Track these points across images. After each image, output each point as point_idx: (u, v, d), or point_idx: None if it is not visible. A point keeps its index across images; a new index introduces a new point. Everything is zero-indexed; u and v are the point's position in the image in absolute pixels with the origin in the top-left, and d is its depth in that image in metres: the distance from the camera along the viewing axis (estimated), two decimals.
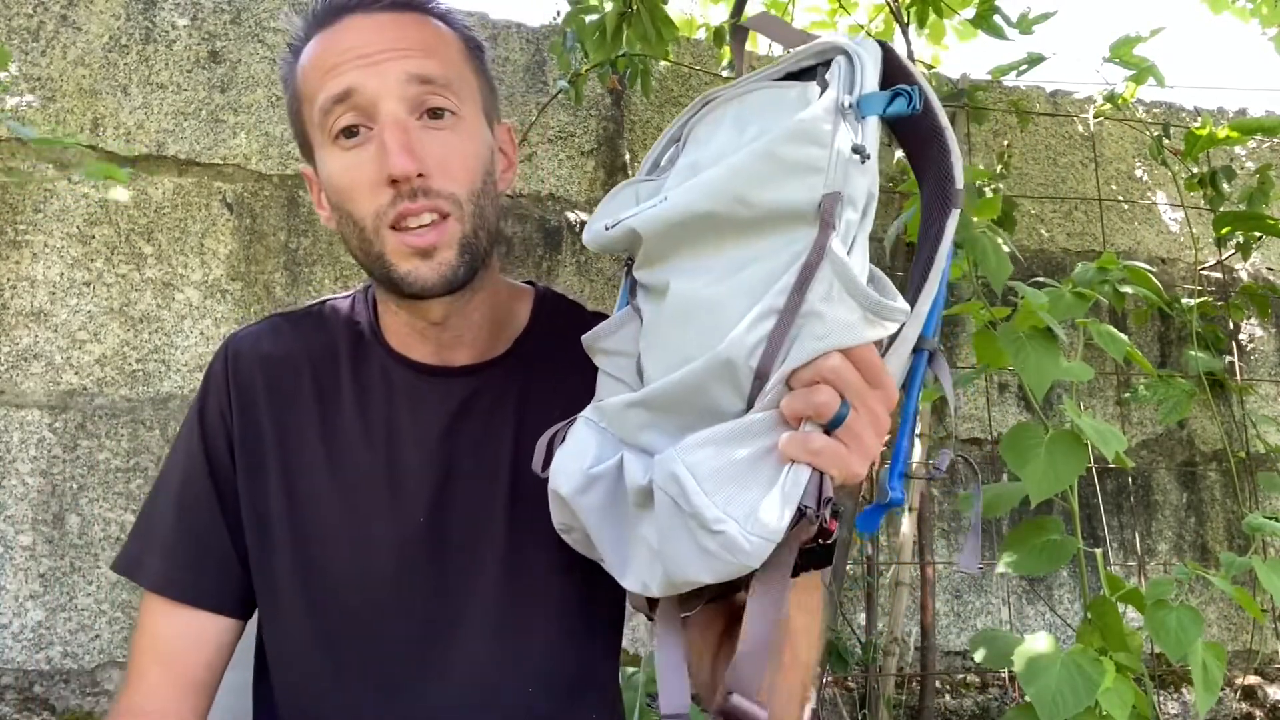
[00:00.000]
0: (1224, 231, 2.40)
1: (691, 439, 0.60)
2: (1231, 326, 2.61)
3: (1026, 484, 1.48)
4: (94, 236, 1.97)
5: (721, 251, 0.62)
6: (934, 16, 2.27)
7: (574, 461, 0.70)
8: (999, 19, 2.09)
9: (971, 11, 2.16)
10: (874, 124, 0.60)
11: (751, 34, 0.81)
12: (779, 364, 0.59)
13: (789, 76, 0.67)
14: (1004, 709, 2.30)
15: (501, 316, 0.91)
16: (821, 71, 0.64)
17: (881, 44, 0.63)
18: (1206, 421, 2.58)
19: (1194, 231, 2.65)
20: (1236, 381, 2.53)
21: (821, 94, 0.61)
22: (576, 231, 2.26)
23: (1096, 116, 2.57)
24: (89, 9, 2.04)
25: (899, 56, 0.63)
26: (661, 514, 0.61)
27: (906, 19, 2.19)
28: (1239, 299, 2.57)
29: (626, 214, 0.68)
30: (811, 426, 0.59)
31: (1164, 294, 1.93)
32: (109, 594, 1.89)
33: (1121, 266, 1.70)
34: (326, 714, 0.83)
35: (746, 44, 0.77)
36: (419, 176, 0.76)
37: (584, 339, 0.76)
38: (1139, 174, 2.70)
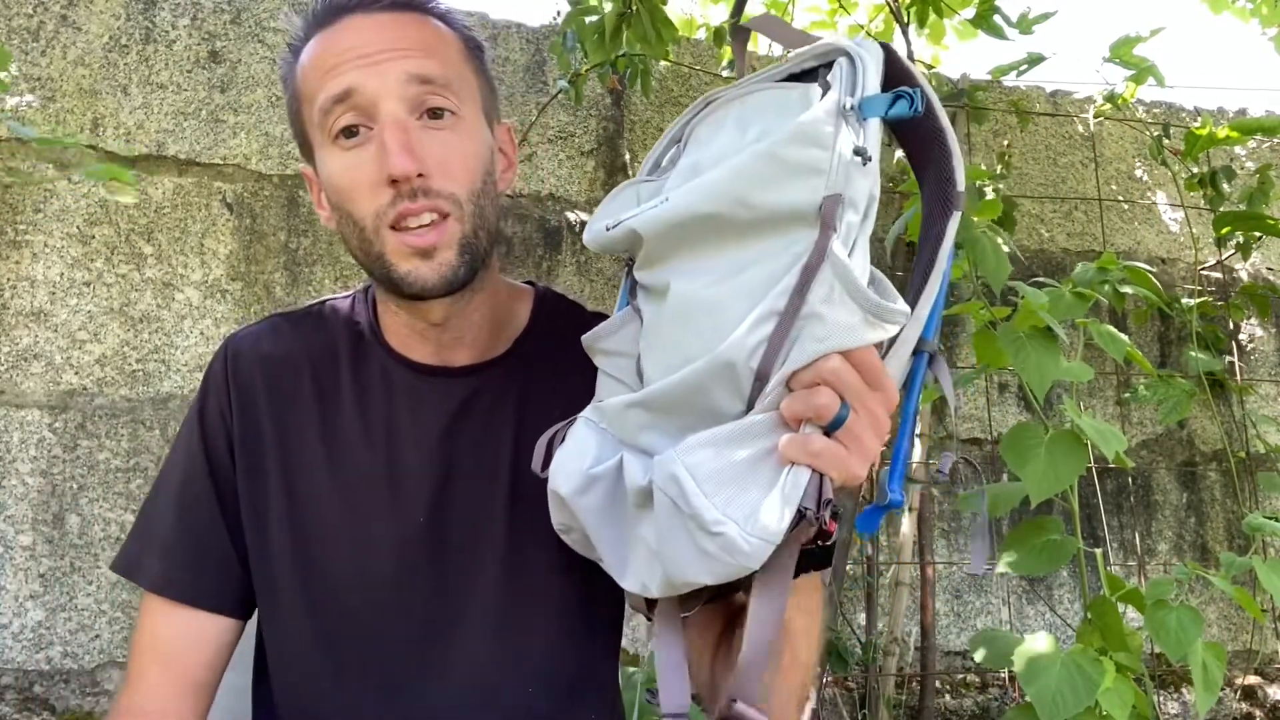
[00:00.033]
0: (1224, 231, 2.40)
1: (691, 440, 0.60)
2: (1231, 326, 2.61)
3: (1026, 484, 1.48)
4: (94, 236, 1.97)
5: (722, 253, 0.62)
6: (934, 16, 2.27)
7: (573, 462, 0.70)
8: (999, 19, 2.09)
9: (971, 11, 2.16)
10: (875, 126, 0.60)
11: (752, 34, 0.81)
12: (779, 366, 0.58)
13: (791, 78, 0.67)
14: (1004, 709, 2.30)
15: (501, 316, 0.91)
16: (823, 73, 0.64)
17: (883, 45, 0.63)
18: (1206, 421, 2.58)
19: (1194, 231, 2.65)
20: (1236, 381, 2.53)
21: (823, 96, 0.61)
22: (576, 231, 2.26)
23: (1096, 116, 2.57)
24: (89, 9, 2.04)
25: (901, 58, 0.63)
26: (661, 515, 0.61)
27: (906, 19, 2.19)
28: (1239, 299, 2.57)
29: (627, 215, 0.68)
30: (811, 428, 0.59)
31: (1164, 294, 1.93)
32: (109, 594, 1.89)
33: (1121, 266, 1.70)
34: (326, 714, 0.83)
35: (747, 44, 0.77)
36: (419, 176, 0.76)
37: (584, 339, 0.76)
38: (1139, 174, 2.70)
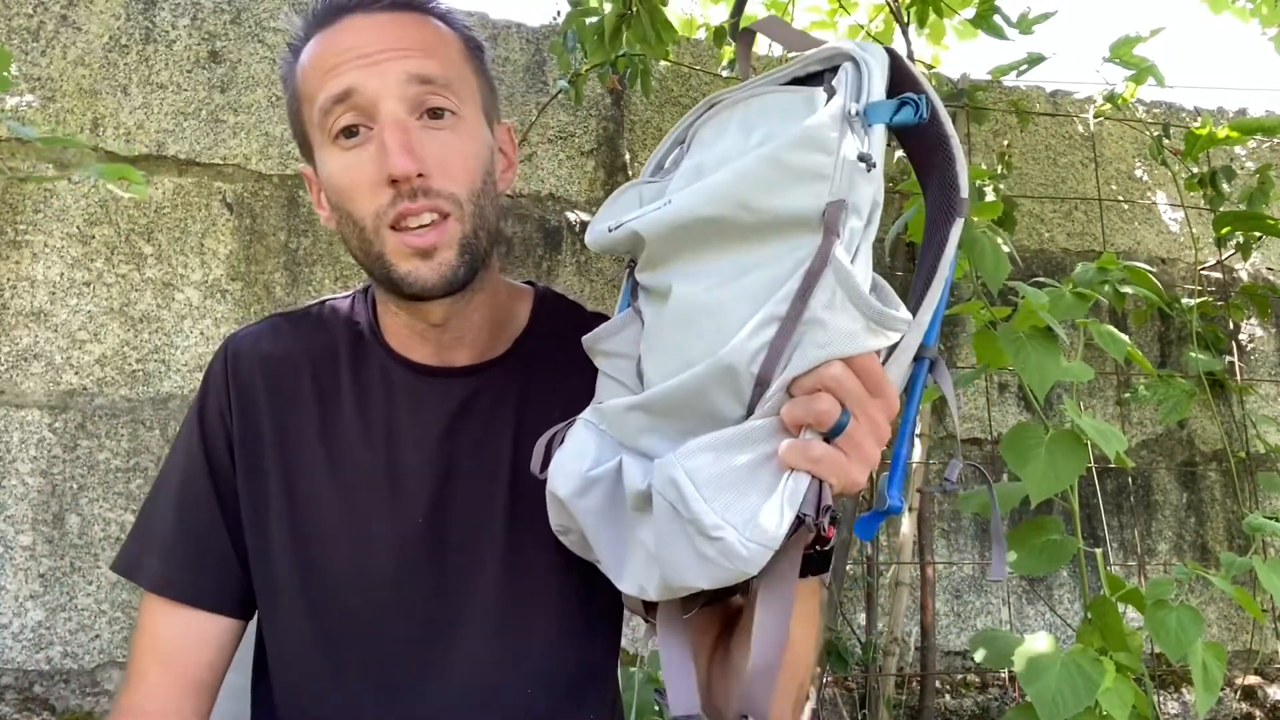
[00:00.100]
0: (1224, 231, 2.40)
1: (691, 444, 0.60)
2: (1231, 326, 2.61)
3: (1026, 484, 1.48)
4: (94, 236, 1.97)
5: (724, 256, 0.62)
6: (934, 16, 2.27)
7: (572, 463, 0.70)
8: (999, 19, 2.09)
9: (971, 11, 2.16)
10: (880, 132, 0.60)
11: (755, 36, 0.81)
12: (780, 371, 0.58)
13: (796, 81, 0.67)
14: (1004, 709, 2.30)
15: (501, 317, 0.91)
16: (828, 77, 0.63)
17: (889, 51, 0.63)
18: (1206, 421, 2.58)
19: (1194, 231, 2.65)
20: (1236, 381, 2.53)
21: (828, 100, 0.60)
22: (576, 231, 2.26)
23: (1096, 116, 2.57)
24: (89, 9, 2.04)
25: (906, 63, 0.63)
26: (660, 519, 0.61)
27: (906, 19, 2.19)
28: (1239, 299, 2.57)
29: (630, 216, 0.68)
30: (812, 434, 0.58)
31: (1164, 294, 1.93)
32: (109, 594, 1.89)
33: (1121, 266, 1.70)
34: (326, 714, 0.83)
35: (751, 46, 0.77)
36: (419, 176, 0.76)
37: (584, 340, 0.76)
38: (1139, 174, 2.70)
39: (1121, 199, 2.67)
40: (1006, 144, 2.58)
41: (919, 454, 2.20)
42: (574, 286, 2.22)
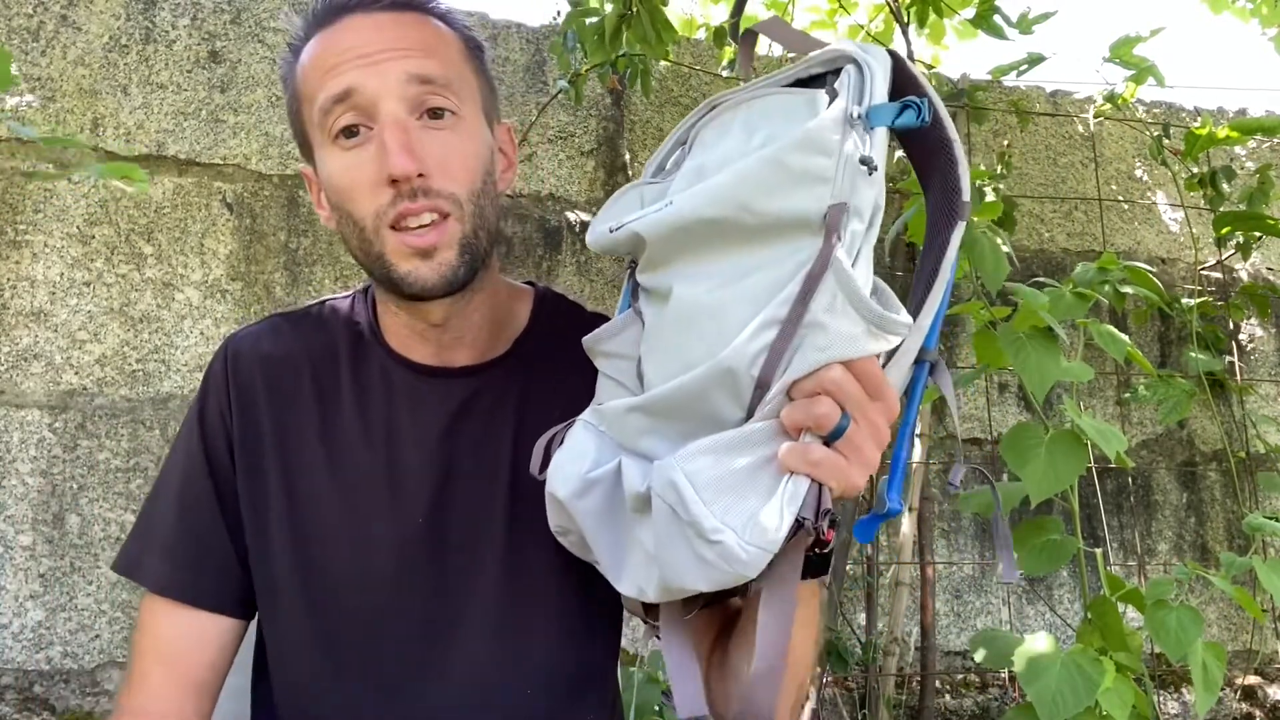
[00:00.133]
0: (1224, 231, 2.40)
1: (691, 447, 0.60)
2: (1231, 326, 2.61)
3: (1026, 484, 1.48)
4: (94, 236, 1.97)
5: (725, 258, 0.62)
6: (934, 16, 2.27)
7: (572, 465, 0.70)
8: (999, 19, 2.09)
9: (971, 11, 2.16)
10: (882, 135, 0.59)
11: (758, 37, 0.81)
12: (780, 374, 0.58)
13: (798, 83, 0.67)
14: (1004, 709, 2.30)
15: (501, 317, 0.91)
16: (831, 80, 0.63)
17: (892, 53, 0.63)
18: (1206, 421, 2.58)
19: (1194, 231, 2.65)
20: (1236, 381, 2.53)
21: (830, 103, 0.60)
22: (576, 231, 2.26)
23: (1096, 116, 2.57)
24: (89, 9, 2.04)
25: (909, 66, 0.63)
26: (659, 522, 0.61)
27: (906, 19, 2.19)
28: (1239, 299, 2.57)
29: (631, 217, 0.68)
30: (811, 437, 0.58)
31: (1164, 294, 1.93)
32: (109, 594, 1.89)
33: (1122, 266, 1.70)
34: (326, 714, 0.83)
35: (754, 48, 0.76)
36: (419, 176, 0.76)
37: (585, 341, 0.76)
38: (1139, 174, 2.70)
39: (1121, 199, 2.67)
40: (1006, 144, 2.58)
41: (919, 454, 2.20)
42: (574, 286, 2.22)
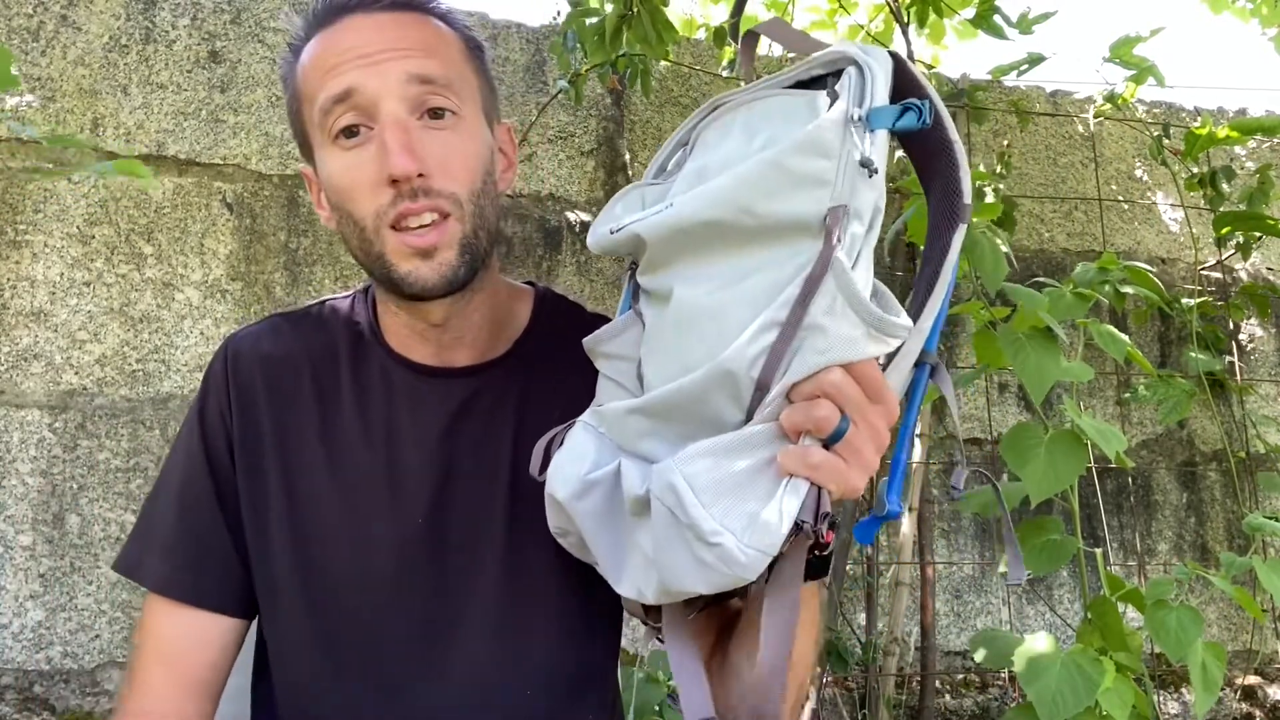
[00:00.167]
0: (1224, 231, 2.40)
1: (690, 450, 0.60)
2: (1231, 326, 2.61)
3: (1026, 484, 1.48)
4: (94, 236, 1.97)
5: (726, 260, 0.62)
6: (934, 16, 2.27)
7: (571, 466, 0.70)
8: (999, 19, 2.09)
9: (971, 11, 2.16)
10: (882, 138, 0.59)
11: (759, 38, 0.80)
12: (780, 377, 0.58)
13: (799, 84, 0.67)
14: (1004, 709, 2.30)
15: (501, 317, 0.91)
16: (831, 81, 0.63)
17: (893, 54, 0.62)
18: (1206, 421, 2.58)
19: (1194, 231, 2.65)
20: (1236, 381, 2.53)
21: (831, 105, 0.60)
22: (576, 231, 2.26)
23: (1096, 116, 2.57)
24: (89, 9, 2.04)
25: (910, 68, 0.63)
26: (658, 524, 0.61)
27: (906, 19, 2.19)
28: (1239, 299, 2.57)
29: (631, 218, 0.68)
30: (810, 440, 0.58)
31: (1164, 294, 1.93)
32: (109, 594, 1.89)
33: (1122, 266, 1.70)
34: (326, 714, 0.83)
35: (755, 49, 0.76)
36: (419, 176, 0.76)
37: (585, 342, 0.76)
38: (1139, 174, 2.71)
39: (1121, 199, 2.67)
40: (1006, 144, 2.58)
41: (919, 454, 2.20)
42: (574, 286, 2.23)
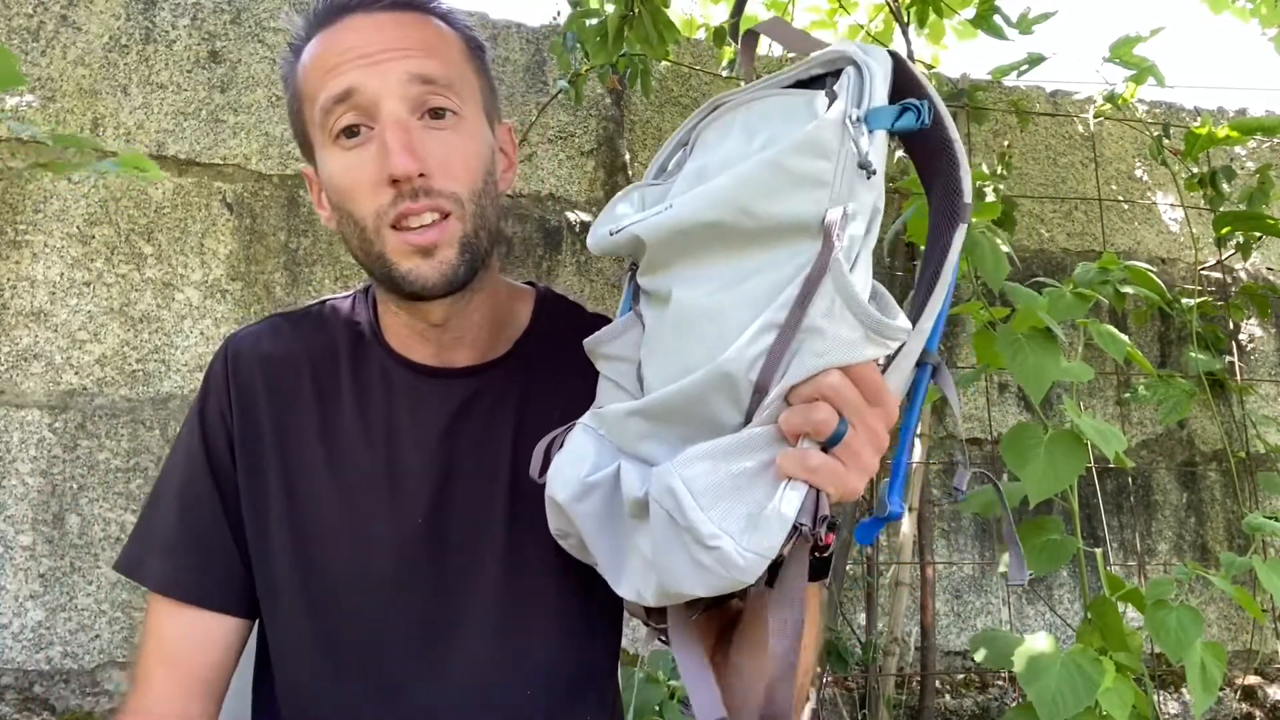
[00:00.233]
0: (1224, 231, 2.40)
1: (689, 453, 0.60)
2: (1231, 326, 2.61)
3: (1026, 484, 1.48)
4: (94, 236, 1.97)
5: (725, 261, 0.62)
6: (934, 16, 2.27)
7: (571, 468, 0.70)
8: (999, 19, 2.09)
9: (971, 11, 2.16)
10: (881, 138, 0.59)
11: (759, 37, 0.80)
12: (779, 379, 0.58)
13: (799, 84, 0.67)
14: (1004, 709, 2.30)
15: (502, 317, 0.91)
16: (830, 81, 0.63)
17: (892, 54, 0.62)
18: (1206, 421, 2.58)
19: (1194, 231, 2.65)
20: (1236, 381, 2.53)
21: (830, 105, 0.60)
22: (576, 231, 2.26)
23: (1096, 116, 2.57)
24: (89, 9, 2.04)
25: (910, 67, 0.62)
26: (657, 527, 0.61)
27: (906, 19, 2.19)
28: (1239, 299, 2.58)
29: (631, 220, 0.68)
30: (809, 443, 0.58)
31: (1165, 293, 1.93)
32: (109, 594, 1.89)
33: (1122, 266, 1.70)
34: (326, 714, 0.83)
35: (755, 48, 0.76)
36: (420, 176, 0.76)
37: (586, 344, 0.76)
38: (1139, 174, 2.71)
39: (1121, 199, 2.67)
40: (1006, 144, 2.58)
41: (918, 454, 2.20)
42: (574, 287, 2.23)
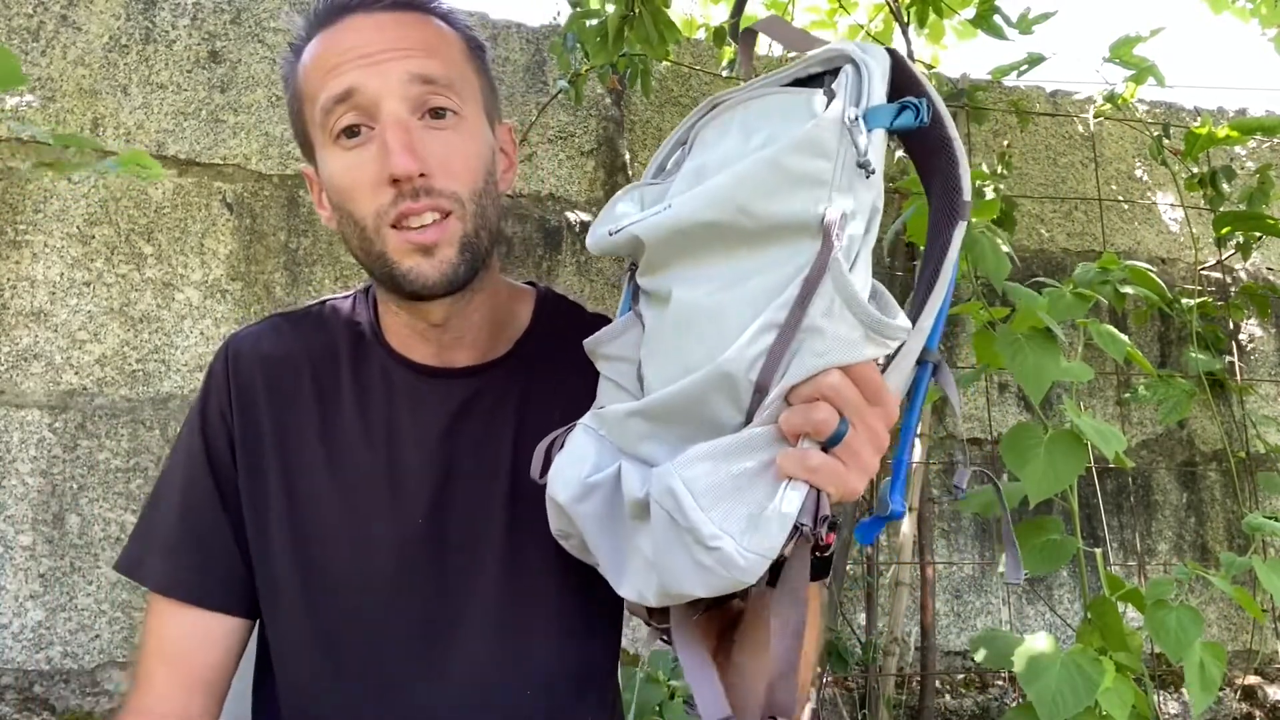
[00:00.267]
0: (1224, 231, 2.40)
1: (689, 453, 0.60)
2: (1231, 326, 2.61)
3: (1026, 484, 1.48)
4: (94, 236, 1.97)
5: (725, 261, 0.61)
6: (934, 16, 2.27)
7: (572, 469, 0.70)
8: (999, 19, 2.09)
9: (971, 11, 2.16)
10: (880, 137, 0.59)
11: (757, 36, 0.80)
12: (779, 379, 0.58)
13: (798, 83, 0.67)
14: (1004, 709, 2.30)
15: (502, 317, 0.91)
16: (829, 80, 0.62)
17: (891, 52, 0.62)
18: (1206, 421, 2.58)
19: (1194, 231, 2.65)
20: (1236, 381, 2.54)
21: (828, 104, 0.60)
22: (576, 231, 2.26)
23: (1096, 116, 2.57)
24: (89, 9, 2.04)
25: (909, 66, 0.62)
26: (658, 528, 0.61)
27: (906, 19, 2.19)
28: (1239, 299, 2.58)
29: (630, 220, 0.67)
30: (809, 443, 0.58)
31: (1165, 293, 1.93)
32: (109, 594, 1.89)
33: (1122, 266, 1.70)
34: (326, 714, 0.83)
35: (754, 47, 0.76)
36: (421, 176, 0.76)
37: (586, 344, 0.76)
38: (1139, 174, 2.71)
39: (1121, 199, 2.67)
40: (1006, 144, 2.58)
41: (919, 454, 2.20)
42: (574, 287, 2.23)
